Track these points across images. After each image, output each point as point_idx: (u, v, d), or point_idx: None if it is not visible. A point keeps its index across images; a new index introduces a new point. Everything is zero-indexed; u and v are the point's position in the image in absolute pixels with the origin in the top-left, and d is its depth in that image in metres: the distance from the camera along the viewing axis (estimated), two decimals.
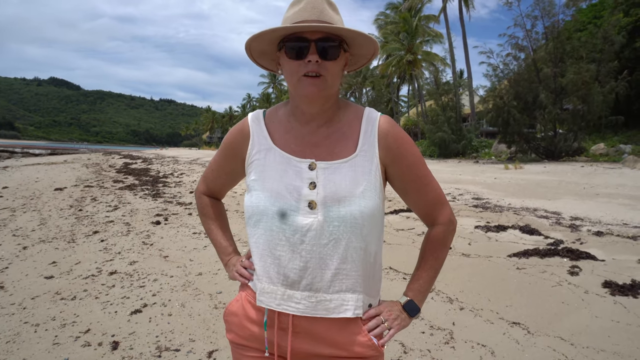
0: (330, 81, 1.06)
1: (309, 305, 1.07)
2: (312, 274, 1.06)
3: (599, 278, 4.05)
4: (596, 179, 12.14)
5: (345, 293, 1.07)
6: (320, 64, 1.03)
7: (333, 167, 1.08)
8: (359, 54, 1.15)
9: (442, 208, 1.18)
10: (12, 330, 3.07)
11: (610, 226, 6.27)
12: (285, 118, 1.17)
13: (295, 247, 1.06)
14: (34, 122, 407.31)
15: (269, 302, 1.09)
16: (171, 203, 9.03)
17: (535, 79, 20.62)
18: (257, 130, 1.17)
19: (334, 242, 1.05)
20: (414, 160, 1.14)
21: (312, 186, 1.07)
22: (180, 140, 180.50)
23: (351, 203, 1.05)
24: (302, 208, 1.06)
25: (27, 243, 5.55)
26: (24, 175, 14.70)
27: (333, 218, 1.05)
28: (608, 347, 2.81)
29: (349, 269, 1.07)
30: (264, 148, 1.14)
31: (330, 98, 1.11)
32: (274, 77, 76.79)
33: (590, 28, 23.49)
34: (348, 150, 1.10)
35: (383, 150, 1.10)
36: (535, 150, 21.29)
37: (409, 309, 1.15)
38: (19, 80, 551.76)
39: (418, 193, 1.16)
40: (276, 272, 1.09)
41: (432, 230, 1.20)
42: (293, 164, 1.10)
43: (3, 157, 30.00)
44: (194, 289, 3.96)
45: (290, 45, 1.04)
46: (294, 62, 1.05)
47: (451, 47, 34.93)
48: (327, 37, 1.03)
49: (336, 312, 1.07)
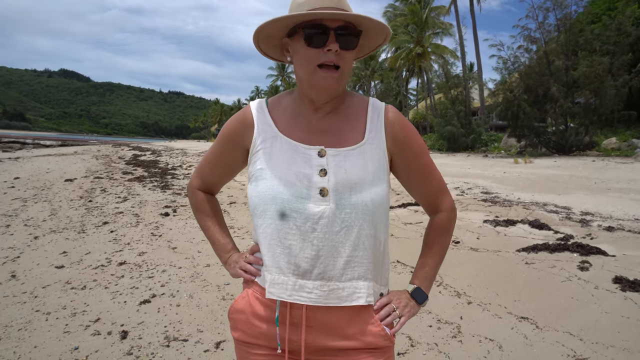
0: (346, 72, 1.05)
1: (321, 294, 1.05)
2: (324, 262, 1.04)
3: (609, 273, 4.01)
4: (607, 173, 11.98)
5: (357, 281, 1.06)
6: (339, 54, 1.01)
7: (343, 154, 1.07)
8: (364, 45, 1.13)
9: (445, 196, 1.21)
10: (24, 318, 3.12)
11: (621, 221, 6.19)
12: (291, 106, 1.15)
13: (307, 235, 1.04)
14: (44, 114, 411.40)
15: (279, 293, 1.06)
16: (180, 195, 9.09)
17: (547, 71, 20.32)
18: (261, 119, 1.14)
19: (346, 230, 1.04)
20: (420, 149, 1.15)
21: (323, 173, 1.05)
22: (189, 132, 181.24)
23: (362, 190, 1.04)
24: (313, 195, 1.04)
25: (38, 233, 5.62)
26: (35, 166, 14.87)
27: (345, 205, 1.04)
28: (618, 343, 2.79)
29: (361, 256, 1.06)
30: (270, 136, 1.11)
31: (342, 88, 1.10)
32: (283, 69, 76.62)
33: (604, 20, 22.99)
34: (356, 138, 1.10)
35: (390, 139, 1.11)
36: (545, 144, 21.05)
37: (417, 296, 1.15)
38: (29, 71, 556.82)
39: (422, 182, 1.18)
40: (286, 262, 1.05)
41: (436, 217, 1.21)
42: (301, 151, 1.08)
43: (15, 148, 30.37)
44: (202, 280, 3.98)
45: (309, 32, 1.01)
46: (311, 50, 1.02)
47: (461, 39, 34.56)
48: (347, 25, 1.01)
49: (349, 300, 1.06)
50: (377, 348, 1.08)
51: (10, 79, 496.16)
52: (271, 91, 75.41)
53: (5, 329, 2.96)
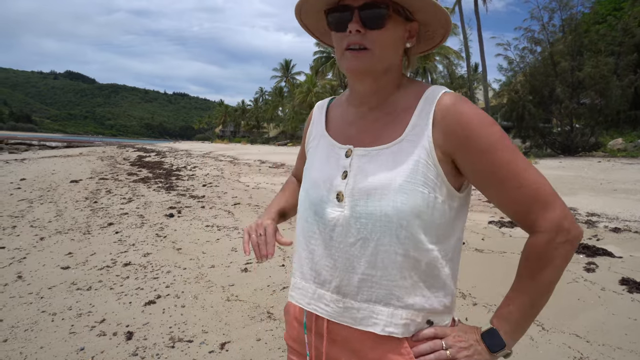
0: (380, 54, 0.89)
1: (337, 309, 0.93)
2: (340, 275, 0.92)
3: (616, 275, 3.98)
4: (614, 174, 11.90)
5: (375, 304, 0.89)
6: (365, 35, 0.88)
7: (370, 155, 0.92)
8: (430, 24, 0.95)
9: (544, 209, 0.85)
10: (30, 319, 3.14)
11: (627, 222, 6.15)
12: (345, 101, 1.07)
13: (326, 243, 0.94)
14: (50, 115, 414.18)
15: (299, 298, 1.00)
16: (184, 196, 9.11)
17: (552, 72, 20.25)
18: (318, 118, 1.10)
19: (361, 242, 0.89)
20: (489, 143, 0.85)
21: (344, 175, 0.94)
22: (193, 133, 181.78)
23: (383, 197, 0.86)
24: (331, 200, 0.94)
25: (44, 234, 5.65)
26: (41, 167, 14.95)
27: (360, 214, 0.89)
28: (625, 345, 2.77)
29: (380, 276, 0.88)
30: (319, 135, 1.07)
31: (383, 75, 0.94)
32: (287, 70, 76.67)
33: (610, 20, 22.91)
34: (394, 135, 0.92)
35: (440, 134, 0.88)
36: (551, 145, 20.98)
37: (489, 340, 0.87)
38: (36, 73, 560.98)
39: (501, 188, 0.87)
40: (309, 268, 0.98)
41: (530, 239, 0.88)
42: (335, 151, 0.99)
43: (21, 150, 30.58)
44: (207, 281, 3.99)
45: (332, 17, 0.92)
46: (337, 35, 0.92)
47: (465, 40, 34.46)
48: (373, 2, 0.87)
49: (363, 323, 0.90)
50: None
51: (16, 81, 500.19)
52: (275, 92, 75.46)
53: (12, 329, 2.97)
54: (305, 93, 51.32)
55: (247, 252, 1.09)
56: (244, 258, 4.71)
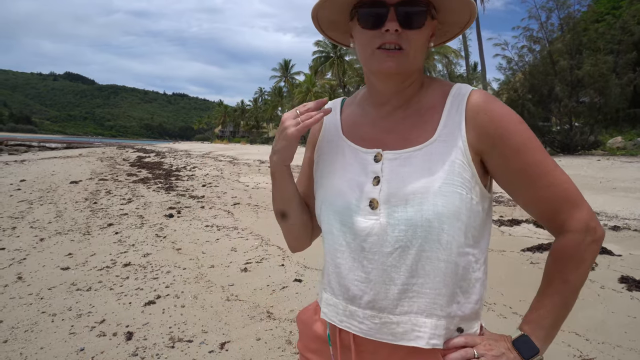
0: (413, 55, 0.86)
1: (373, 326, 0.87)
2: (374, 288, 0.86)
3: (615, 273, 3.98)
4: (613, 172, 11.91)
5: (417, 316, 0.85)
6: (400, 34, 0.83)
7: (403, 157, 0.87)
8: (449, 22, 0.93)
9: (574, 209, 0.85)
10: (30, 320, 3.14)
11: (627, 221, 6.16)
12: (361, 102, 1.00)
13: (356, 254, 0.88)
14: (50, 117, 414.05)
15: (331, 315, 0.93)
16: (184, 196, 9.11)
17: (551, 71, 20.25)
18: (331, 120, 1.03)
19: (400, 251, 0.84)
20: (521, 142, 0.84)
21: (376, 181, 0.88)
22: (193, 134, 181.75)
23: (423, 202, 0.82)
24: (362, 208, 0.87)
25: (44, 235, 5.65)
26: (41, 168, 14.95)
27: (399, 220, 0.84)
28: (624, 343, 2.77)
29: (422, 284, 0.84)
30: (334, 139, 0.99)
31: (411, 75, 0.91)
32: (286, 70, 76.64)
33: (609, 19, 22.91)
34: (425, 136, 0.88)
35: (474, 133, 0.85)
36: (550, 143, 20.97)
37: (522, 347, 0.84)
38: (35, 75, 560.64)
39: (530, 187, 0.86)
40: (337, 283, 0.92)
41: (559, 241, 0.87)
42: (360, 156, 0.92)
43: (20, 151, 30.58)
44: (207, 281, 3.99)
45: (364, 12, 0.86)
46: (368, 32, 0.86)
47: (465, 39, 34.46)
48: (411, 0, 0.84)
49: (405, 338, 0.85)
50: None
51: (16, 83, 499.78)
52: (274, 92, 75.45)
53: (12, 330, 2.98)
54: (304, 93, 51.32)
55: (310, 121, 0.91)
56: (243, 258, 4.71)
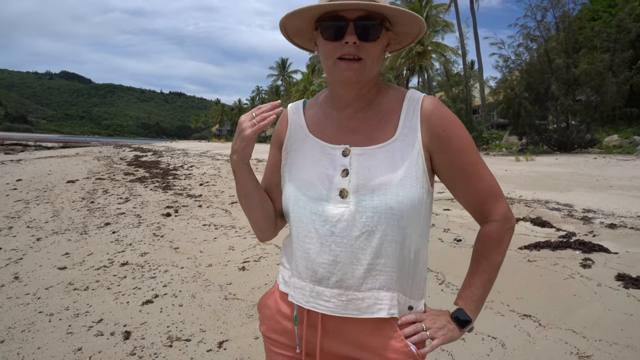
0: (370, 65, 0.97)
1: (339, 304, 0.98)
2: (342, 269, 0.97)
3: (612, 271, 4.00)
4: (609, 170, 11.96)
5: (378, 291, 0.97)
6: (359, 46, 0.94)
7: (368, 153, 0.99)
8: (402, 33, 1.04)
9: (497, 202, 1.04)
10: (27, 320, 3.13)
11: (623, 218, 6.18)
12: (324, 104, 1.11)
13: (325, 239, 0.98)
14: (46, 116, 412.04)
15: (298, 298, 1.03)
16: (181, 195, 9.09)
17: (548, 69, 20.29)
18: (295, 120, 1.12)
19: (366, 235, 0.96)
20: (463, 145, 1.01)
21: (345, 173, 0.99)
22: (190, 133, 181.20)
23: (387, 192, 0.95)
24: (332, 197, 0.98)
25: (40, 234, 5.64)
26: (37, 168, 14.90)
27: (366, 208, 0.96)
28: (621, 340, 2.78)
29: (383, 264, 0.97)
30: (300, 137, 1.09)
31: (370, 82, 1.02)
32: (283, 69, 76.55)
33: (605, 17, 22.99)
34: (386, 135, 1.00)
35: (426, 134, 0.99)
36: (547, 142, 21.03)
37: (459, 319, 1.04)
38: (31, 74, 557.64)
39: (467, 183, 1.03)
40: (305, 267, 1.01)
41: (485, 228, 1.07)
42: (327, 151, 1.03)
43: (17, 151, 30.44)
44: (204, 280, 3.99)
45: (326, 25, 0.96)
46: (330, 44, 0.96)
47: (461, 37, 34.49)
48: (368, 15, 0.94)
49: (369, 311, 0.97)
50: None
51: (11, 82, 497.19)
52: (272, 91, 75.36)
53: (9, 330, 2.97)
54: (302, 91, 51.30)
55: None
56: (241, 257, 4.71)
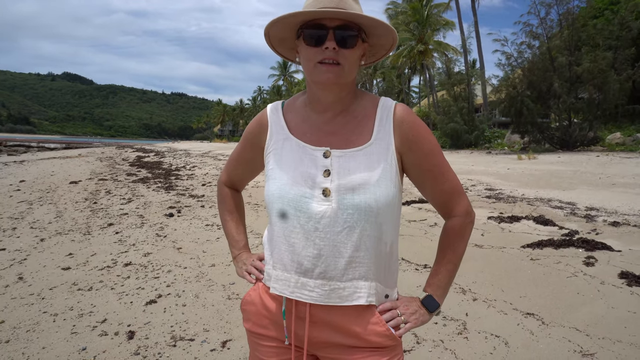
0: (347, 69, 1.06)
1: (322, 293, 1.07)
2: (325, 261, 1.06)
3: (615, 269, 3.99)
4: (612, 168, 11.92)
5: (358, 281, 1.07)
6: (338, 52, 1.03)
7: (348, 155, 1.08)
8: (377, 45, 1.14)
9: (459, 199, 1.17)
10: (31, 320, 3.15)
11: (626, 216, 6.16)
12: (302, 107, 1.18)
13: (309, 234, 1.06)
14: (48, 117, 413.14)
15: (282, 289, 1.10)
16: (184, 195, 9.11)
17: (550, 67, 20.23)
18: (275, 121, 1.19)
19: (348, 230, 1.05)
20: (431, 148, 1.12)
21: (327, 174, 1.07)
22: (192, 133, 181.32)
23: (366, 191, 1.05)
24: (316, 195, 1.06)
25: (44, 235, 5.66)
26: (40, 169, 14.95)
27: (347, 206, 1.05)
28: (625, 338, 2.78)
29: (362, 256, 1.07)
30: (281, 138, 1.16)
31: (347, 87, 1.11)
32: (285, 69, 76.55)
33: (607, 14, 22.90)
34: (363, 139, 1.10)
35: (398, 138, 1.10)
36: (549, 140, 20.96)
37: (428, 305, 1.15)
38: (33, 75, 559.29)
39: (434, 182, 1.15)
40: (290, 260, 1.09)
41: (449, 222, 1.19)
42: (308, 152, 1.11)
43: (20, 152, 30.54)
44: (208, 280, 4.00)
45: (308, 32, 1.05)
46: (311, 49, 1.05)
47: (463, 35, 34.38)
48: (346, 25, 1.03)
49: (349, 299, 1.07)
50: (382, 347, 1.10)
51: (14, 83, 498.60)
52: (273, 91, 75.36)
53: (14, 330, 2.98)
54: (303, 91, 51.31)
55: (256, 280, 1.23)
56: None
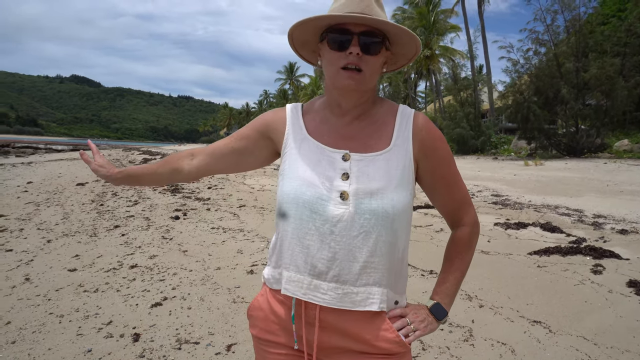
0: (369, 76, 1.06)
1: (335, 296, 1.06)
2: (339, 265, 1.05)
3: (623, 277, 3.95)
4: (620, 175, 11.83)
5: (371, 286, 1.06)
6: (361, 58, 1.03)
7: (367, 160, 1.08)
8: (399, 54, 1.14)
9: (468, 209, 1.18)
10: (37, 321, 3.16)
11: (635, 224, 6.11)
12: (321, 110, 1.18)
13: (325, 237, 1.05)
14: (56, 119, 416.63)
15: (294, 290, 1.08)
16: (190, 198, 9.14)
17: (557, 73, 20.17)
18: (295, 120, 1.18)
19: (364, 235, 1.04)
20: (446, 157, 1.14)
21: (345, 177, 1.06)
22: (199, 136, 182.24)
23: (384, 197, 1.04)
24: (333, 198, 1.05)
25: (51, 237, 5.69)
26: (48, 170, 15.06)
27: (364, 210, 1.04)
28: (633, 347, 2.75)
29: (377, 262, 1.06)
30: (299, 138, 1.15)
31: (367, 93, 1.11)
32: (291, 73, 76.79)
33: (614, 21, 22.83)
34: (382, 144, 1.10)
35: (417, 145, 1.10)
36: (556, 146, 20.88)
37: (436, 313, 1.14)
38: (42, 78, 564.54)
39: (446, 191, 1.16)
40: (304, 262, 1.07)
41: (458, 231, 1.19)
42: (327, 154, 1.10)
43: (27, 153, 30.79)
44: (213, 283, 4.00)
45: (332, 36, 1.05)
46: (334, 53, 1.05)
47: (469, 41, 34.38)
48: (371, 31, 1.04)
49: (362, 305, 1.06)
50: (391, 354, 1.09)
51: (22, 85, 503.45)
52: (279, 95, 75.61)
53: (20, 331, 3.00)
54: (309, 95, 51.41)
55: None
56: (249, 260, 4.72)
